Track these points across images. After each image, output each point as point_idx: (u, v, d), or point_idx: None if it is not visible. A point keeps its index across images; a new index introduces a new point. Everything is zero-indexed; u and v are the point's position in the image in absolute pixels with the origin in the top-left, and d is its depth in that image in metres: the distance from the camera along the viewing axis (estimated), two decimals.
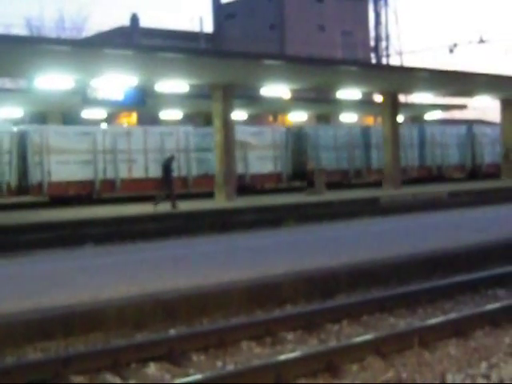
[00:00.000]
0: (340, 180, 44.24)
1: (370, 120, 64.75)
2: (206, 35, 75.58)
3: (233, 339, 9.10)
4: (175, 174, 31.16)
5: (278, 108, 51.88)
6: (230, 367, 8.22)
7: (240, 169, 38.41)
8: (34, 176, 33.45)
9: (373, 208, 29.27)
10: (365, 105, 51.75)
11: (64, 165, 33.89)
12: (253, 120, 52.92)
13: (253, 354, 8.77)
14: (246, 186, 39.39)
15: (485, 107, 68.94)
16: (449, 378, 7.60)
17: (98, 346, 9.00)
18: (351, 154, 44.89)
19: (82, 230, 23.01)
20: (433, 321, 9.52)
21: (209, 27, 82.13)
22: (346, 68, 34.24)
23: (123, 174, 35.58)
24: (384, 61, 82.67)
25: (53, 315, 9.32)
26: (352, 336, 9.28)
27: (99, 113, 43.38)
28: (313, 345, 9.11)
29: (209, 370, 8.02)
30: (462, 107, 59.35)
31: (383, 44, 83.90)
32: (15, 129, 34.99)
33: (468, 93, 43.17)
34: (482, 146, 50.60)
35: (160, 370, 8.25)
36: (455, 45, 55.07)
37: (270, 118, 63.86)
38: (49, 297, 10.12)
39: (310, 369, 7.81)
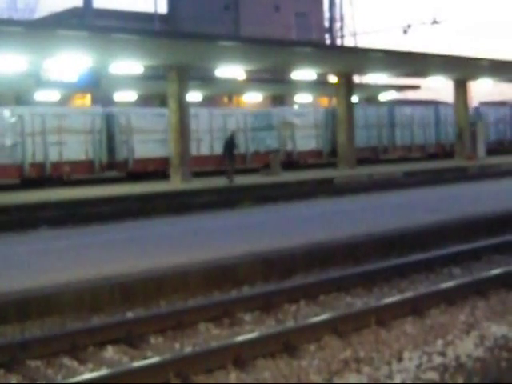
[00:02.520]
0: (369, 156, 47.06)
1: (324, 101, 64.86)
2: (161, 16, 74.94)
3: (190, 321, 9.11)
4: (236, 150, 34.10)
5: (233, 89, 51.74)
6: (188, 349, 8.22)
7: (288, 146, 43.04)
8: (121, 153, 36.64)
9: (327, 188, 29.37)
10: (320, 86, 51.80)
11: (144, 143, 37.06)
12: (208, 101, 52.72)
13: (211, 336, 8.78)
14: (293, 161, 43.34)
15: (438, 87, 69.46)
16: (405, 355, 7.68)
17: (54, 329, 8.94)
18: (379, 132, 47.99)
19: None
20: (389, 299, 9.60)
21: (163, 8, 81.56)
22: (300, 49, 34.19)
23: (193, 151, 37.29)
24: (338, 42, 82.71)
25: (7, 299, 9.24)
26: (309, 316, 9.33)
27: (53, 95, 42.86)
28: (270, 325, 9.14)
29: (167, 352, 8.01)
30: (415, 88, 59.71)
31: (337, 25, 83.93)
32: (98, 111, 37.48)
33: (422, 73, 43.41)
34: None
35: (118, 352, 8.23)
36: (409, 26, 55.39)
37: (225, 99, 63.69)
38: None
39: (267, 349, 7.83)
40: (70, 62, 30.13)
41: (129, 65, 31.65)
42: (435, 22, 50.68)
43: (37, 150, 34.01)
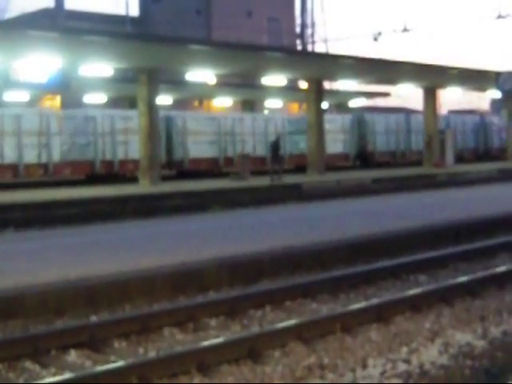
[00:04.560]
0: (389, 160, 50.64)
1: (295, 106, 64.99)
2: (133, 19, 74.71)
3: (155, 325, 9.04)
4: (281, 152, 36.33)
5: (203, 93, 51.69)
6: (152, 353, 8.16)
7: None
8: (178, 153, 39.82)
9: (296, 194, 29.39)
10: (290, 91, 51.92)
11: (198, 144, 40.32)
12: (178, 105, 52.62)
13: (175, 341, 8.72)
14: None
15: (407, 95, 69.83)
16: (370, 362, 7.68)
17: (17, 332, 8.84)
18: (398, 137, 51.28)
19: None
20: (355, 306, 9.59)
21: (135, 11, 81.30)
22: (271, 54, 34.26)
23: (238, 152, 40.89)
24: (309, 48, 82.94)
25: None
26: (275, 322, 9.30)
27: (22, 95, 42.53)
28: (235, 331, 9.10)
29: (130, 357, 7.94)
30: (385, 95, 60.00)
31: (309, 31, 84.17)
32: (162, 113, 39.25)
33: (392, 81, 43.66)
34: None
35: (81, 356, 8.14)
36: (379, 33, 55.56)
37: (196, 103, 63.60)
38: None
39: (232, 355, 7.79)
40: (40, 63, 29.93)
41: (99, 67, 31.50)
42: (405, 29, 50.90)
43: (106, 148, 37.32)
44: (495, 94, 44.80)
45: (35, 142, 34.93)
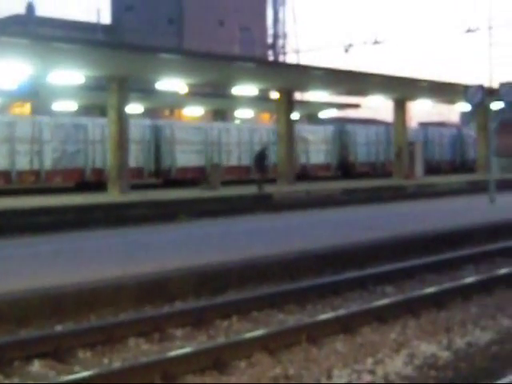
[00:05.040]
0: (369, 170, 51.49)
1: (266, 117, 65.07)
2: (105, 27, 74.57)
3: (120, 336, 8.99)
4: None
5: (174, 102, 51.62)
6: (117, 364, 8.10)
7: (303, 159, 47.20)
8: (166, 162, 40.56)
9: (266, 204, 29.40)
10: (261, 101, 51.99)
11: (185, 153, 41.02)
12: (149, 114, 52.48)
13: (140, 351, 8.67)
14: (307, 174, 46.94)
15: (378, 106, 70.17)
16: (335, 373, 7.68)
17: None
18: (378, 149, 51.98)
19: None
20: (321, 317, 9.60)
21: (107, 19, 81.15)
22: (242, 64, 34.27)
23: (224, 161, 42.63)
24: (281, 58, 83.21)
25: None
26: (241, 332, 9.28)
27: None
28: (201, 341, 9.07)
29: (95, 367, 7.88)
30: (356, 106, 60.25)
31: (281, 42, 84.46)
32: (148, 122, 41.59)
33: (362, 92, 43.87)
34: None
35: (44, 367, 8.07)
36: (350, 45, 55.86)
37: (167, 112, 63.49)
38: None
39: (197, 366, 7.76)
40: (9, 70, 29.71)
41: (70, 74, 31.34)
42: (376, 42, 51.23)
43: (96, 156, 37.78)
44: (464, 106, 45.15)
45: (27, 149, 35.26)
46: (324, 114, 59.12)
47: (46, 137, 35.91)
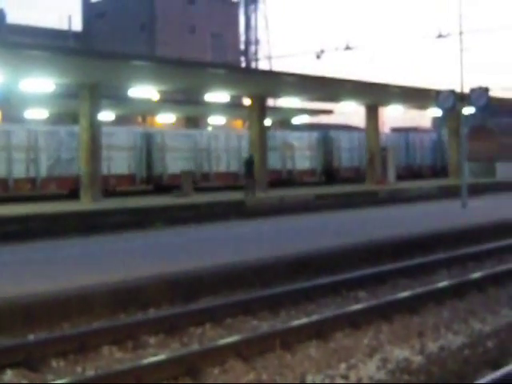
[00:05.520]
0: (353, 175, 51.56)
1: (238, 123, 65.10)
2: (76, 34, 74.33)
3: (94, 344, 8.95)
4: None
5: (146, 109, 51.52)
6: (90, 372, 8.07)
7: (289, 165, 48.21)
8: (157, 168, 41.54)
9: (239, 210, 29.39)
10: (233, 108, 52.01)
11: (175, 160, 41.71)
12: (121, 121, 52.33)
13: (114, 359, 8.64)
14: (292, 179, 47.96)
15: (350, 112, 70.39)
16: (308, 378, 7.71)
17: None
18: (361, 154, 51.18)
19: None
20: (294, 323, 9.62)
21: (78, 26, 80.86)
22: (214, 71, 34.26)
23: (215, 168, 43.94)
24: (253, 65, 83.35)
25: None
26: (215, 339, 9.27)
27: None
28: (175, 348, 9.05)
29: (68, 376, 7.84)
30: (328, 112, 60.39)
31: (253, 48, 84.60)
32: (139, 130, 43.35)
33: (334, 98, 44.01)
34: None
35: (17, 376, 8.03)
36: (322, 51, 55.93)
37: (139, 119, 63.34)
38: None
39: (171, 373, 7.75)
40: None
41: (40, 82, 31.18)
42: (348, 47, 51.33)
43: None
44: (436, 111, 45.43)
45: (23, 157, 35.70)
46: (297, 120, 59.23)
47: (40, 145, 36.27)
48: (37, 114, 46.42)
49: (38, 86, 31.94)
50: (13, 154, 35.28)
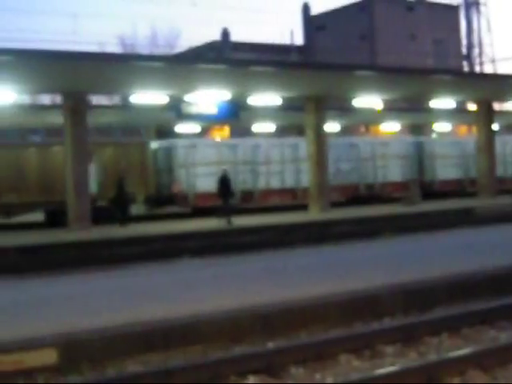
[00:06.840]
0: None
1: (463, 129, 63.66)
2: (297, 47, 75.72)
3: (331, 352, 9.07)
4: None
5: (370, 119, 51.49)
6: (329, 379, 8.18)
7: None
8: (428, 175, 43.60)
9: (468, 218, 28.80)
10: (458, 114, 50.92)
11: (445, 167, 43.75)
12: (345, 131, 52.61)
13: (351, 367, 8.72)
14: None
15: None
16: None
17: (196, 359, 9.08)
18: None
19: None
20: None
21: (299, 40, 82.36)
22: (438, 77, 33.76)
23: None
24: (477, 69, 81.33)
25: None
26: (452, 349, 9.13)
27: (192, 127, 43.69)
28: (412, 358, 8.98)
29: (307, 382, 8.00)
30: None
31: (476, 51, 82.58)
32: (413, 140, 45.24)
33: None
34: None
35: (258, 382, 8.28)
36: None
37: (363, 129, 63.44)
38: None
39: (409, 382, 7.72)
40: (209, 95, 30.72)
41: (267, 96, 32.01)
42: None
43: (369, 172, 41.58)
44: None
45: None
46: None
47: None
48: (264, 127, 47.55)
49: (265, 101, 32.80)
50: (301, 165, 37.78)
